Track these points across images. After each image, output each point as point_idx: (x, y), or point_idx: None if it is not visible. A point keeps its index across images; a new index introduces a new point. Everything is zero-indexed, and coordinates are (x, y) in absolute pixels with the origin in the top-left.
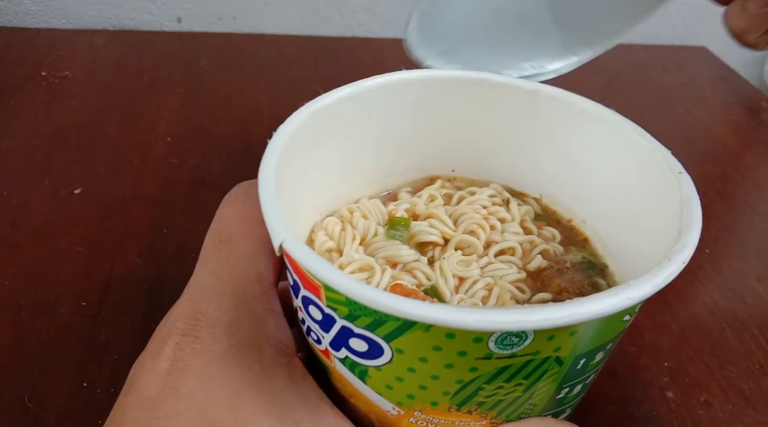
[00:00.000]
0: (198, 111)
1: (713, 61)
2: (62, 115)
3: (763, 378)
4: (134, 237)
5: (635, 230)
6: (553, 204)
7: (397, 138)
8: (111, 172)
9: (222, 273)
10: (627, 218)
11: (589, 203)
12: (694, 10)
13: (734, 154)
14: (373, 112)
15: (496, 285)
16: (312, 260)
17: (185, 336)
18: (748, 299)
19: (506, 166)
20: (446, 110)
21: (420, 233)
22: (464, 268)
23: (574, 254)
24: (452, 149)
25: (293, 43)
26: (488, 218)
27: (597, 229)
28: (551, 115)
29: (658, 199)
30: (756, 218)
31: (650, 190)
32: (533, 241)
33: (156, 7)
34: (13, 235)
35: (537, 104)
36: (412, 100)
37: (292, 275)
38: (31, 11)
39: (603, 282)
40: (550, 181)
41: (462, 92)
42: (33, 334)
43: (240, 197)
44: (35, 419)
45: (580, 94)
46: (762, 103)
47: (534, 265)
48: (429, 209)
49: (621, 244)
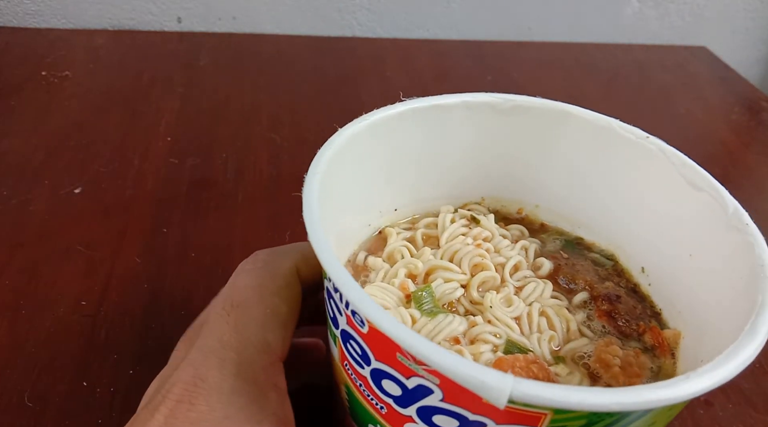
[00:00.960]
0: (198, 111)
1: (713, 61)
2: (62, 115)
3: (763, 378)
4: (134, 237)
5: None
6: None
7: (433, 164)
8: (111, 172)
9: (229, 339)
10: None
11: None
12: (694, 10)
13: (734, 154)
14: (413, 136)
15: (546, 307)
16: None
17: (180, 402)
18: None
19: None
20: (485, 135)
21: (444, 295)
22: (510, 307)
23: (552, 242)
24: (482, 176)
25: (293, 43)
26: (479, 244)
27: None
28: (580, 138)
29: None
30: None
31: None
32: (525, 246)
33: (156, 7)
34: (13, 235)
35: (566, 128)
36: (456, 124)
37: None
38: (31, 11)
39: (607, 262)
40: (585, 210)
41: (499, 118)
42: (33, 334)
43: (256, 266)
44: (35, 418)
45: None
46: (762, 103)
47: (545, 270)
48: (430, 263)
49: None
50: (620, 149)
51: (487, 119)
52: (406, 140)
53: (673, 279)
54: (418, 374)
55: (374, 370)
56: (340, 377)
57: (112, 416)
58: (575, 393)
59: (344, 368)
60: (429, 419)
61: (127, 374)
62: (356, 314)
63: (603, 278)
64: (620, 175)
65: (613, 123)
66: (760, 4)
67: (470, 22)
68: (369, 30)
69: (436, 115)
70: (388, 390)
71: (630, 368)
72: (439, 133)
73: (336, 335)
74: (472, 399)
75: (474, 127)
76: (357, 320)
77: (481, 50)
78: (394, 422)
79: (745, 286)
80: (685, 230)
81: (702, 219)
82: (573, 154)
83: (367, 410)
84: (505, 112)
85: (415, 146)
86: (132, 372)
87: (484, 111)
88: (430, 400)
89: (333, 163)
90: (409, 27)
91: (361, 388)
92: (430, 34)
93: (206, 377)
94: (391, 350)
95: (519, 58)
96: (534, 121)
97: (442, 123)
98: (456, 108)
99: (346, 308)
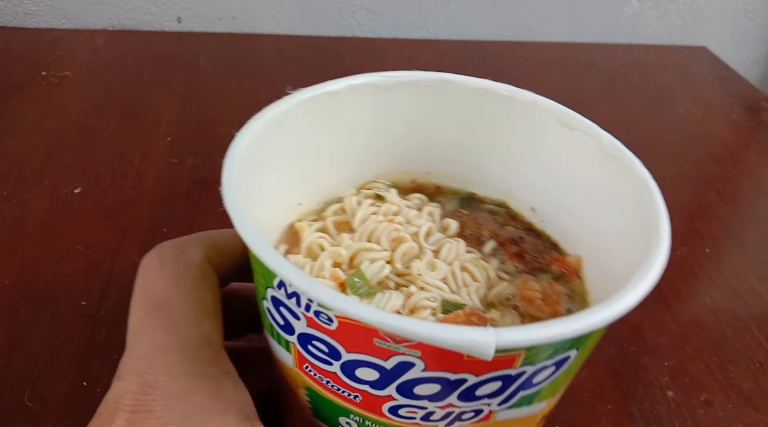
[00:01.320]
0: (198, 111)
1: (713, 61)
2: (62, 115)
3: (763, 377)
4: (134, 237)
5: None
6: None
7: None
8: (111, 172)
9: (164, 342)
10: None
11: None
12: (694, 10)
13: (734, 154)
14: (355, 112)
15: (464, 262)
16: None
17: (135, 412)
18: (748, 298)
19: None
20: (372, 114)
21: (375, 275)
22: (435, 271)
23: (449, 202)
24: (372, 154)
25: (293, 43)
26: (392, 219)
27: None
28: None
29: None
30: (756, 217)
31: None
32: (430, 211)
33: (156, 7)
34: (13, 235)
35: (446, 96)
36: (344, 108)
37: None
38: (31, 11)
39: (500, 209)
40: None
41: (384, 95)
42: (33, 334)
43: (166, 260)
44: (35, 418)
45: (580, 96)
46: (762, 103)
47: (453, 229)
48: (353, 248)
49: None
50: (498, 106)
51: (373, 99)
52: (298, 133)
53: (563, 212)
54: (398, 353)
55: (346, 363)
56: (296, 381)
57: None
58: (549, 328)
59: (304, 371)
60: (410, 392)
61: None
62: (321, 314)
63: (502, 224)
64: (501, 130)
65: (489, 83)
66: (760, 4)
67: (470, 22)
68: (369, 30)
69: (323, 103)
70: (363, 377)
71: (550, 298)
72: (326, 120)
73: (290, 341)
74: (453, 361)
75: (360, 109)
76: (323, 319)
77: (481, 50)
78: (370, 407)
79: (632, 205)
80: (567, 166)
81: (581, 154)
82: (455, 117)
83: (337, 404)
84: (390, 88)
85: (308, 137)
86: None
87: (369, 92)
88: (411, 374)
89: (242, 171)
90: (409, 27)
91: (328, 385)
92: (430, 34)
93: (156, 384)
94: (367, 338)
95: (519, 58)
96: (416, 93)
97: (329, 110)
98: (342, 92)
99: (306, 311)
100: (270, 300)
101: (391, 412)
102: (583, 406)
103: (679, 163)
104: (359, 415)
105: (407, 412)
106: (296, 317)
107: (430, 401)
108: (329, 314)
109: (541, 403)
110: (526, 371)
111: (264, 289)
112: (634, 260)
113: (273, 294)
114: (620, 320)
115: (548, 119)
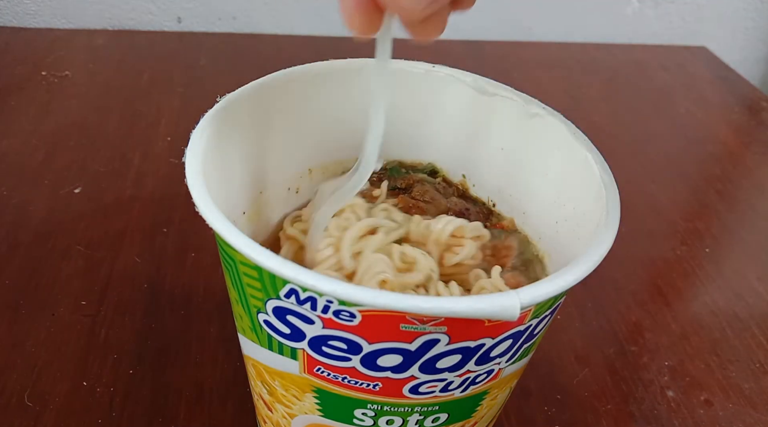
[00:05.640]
0: (198, 111)
1: (713, 61)
2: (62, 115)
3: (763, 377)
4: (134, 237)
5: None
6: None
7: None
8: (111, 172)
9: None
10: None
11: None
12: (694, 10)
13: (734, 154)
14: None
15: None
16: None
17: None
18: (748, 298)
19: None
20: (306, 108)
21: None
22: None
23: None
24: (308, 147)
25: (293, 43)
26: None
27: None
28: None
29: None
30: (756, 218)
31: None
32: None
33: (156, 7)
34: (13, 235)
35: (363, 80)
36: (280, 105)
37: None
38: (31, 11)
39: (433, 180)
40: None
41: (312, 89)
42: (33, 333)
43: None
44: (35, 418)
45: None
46: (762, 103)
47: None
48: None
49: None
50: (416, 84)
51: (307, 92)
52: (240, 138)
53: (492, 174)
54: (425, 332)
55: (367, 355)
56: (302, 387)
57: (112, 416)
58: (557, 281)
59: (314, 374)
60: (432, 367)
61: (127, 374)
62: (342, 312)
63: (446, 195)
64: (423, 104)
65: (402, 63)
66: (760, 4)
67: (470, 22)
68: None
69: (259, 103)
70: (385, 365)
71: (499, 252)
72: (265, 119)
73: (297, 349)
74: (476, 329)
75: (294, 103)
76: (344, 317)
77: (481, 50)
78: (390, 392)
79: (561, 154)
80: (490, 129)
81: (503, 116)
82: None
83: (353, 397)
84: (309, 81)
85: (251, 141)
86: (132, 372)
87: (302, 84)
88: (435, 349)
89: (205, 174)
90: None
91: (344, 381)
92: None
93: None
94: (393, 325)
95: (519, 58)
96: (335, 83)
97: (264, 110)
98: (279, 88)
99: (323, 313)
100: (271, 313)
101: (411, 391)
102: (583, 406)
103: (679, 163)
104: (377, 403)
105: (427, 388)
106: (309, 322)
107: (450, 371)
108: (352, 310)
109: (530, 355)
110: (531, 325)
111: (263, 303)
112: (577, 205)
113: (277, 305)
114: (620, 320)
115: (465, 88)
